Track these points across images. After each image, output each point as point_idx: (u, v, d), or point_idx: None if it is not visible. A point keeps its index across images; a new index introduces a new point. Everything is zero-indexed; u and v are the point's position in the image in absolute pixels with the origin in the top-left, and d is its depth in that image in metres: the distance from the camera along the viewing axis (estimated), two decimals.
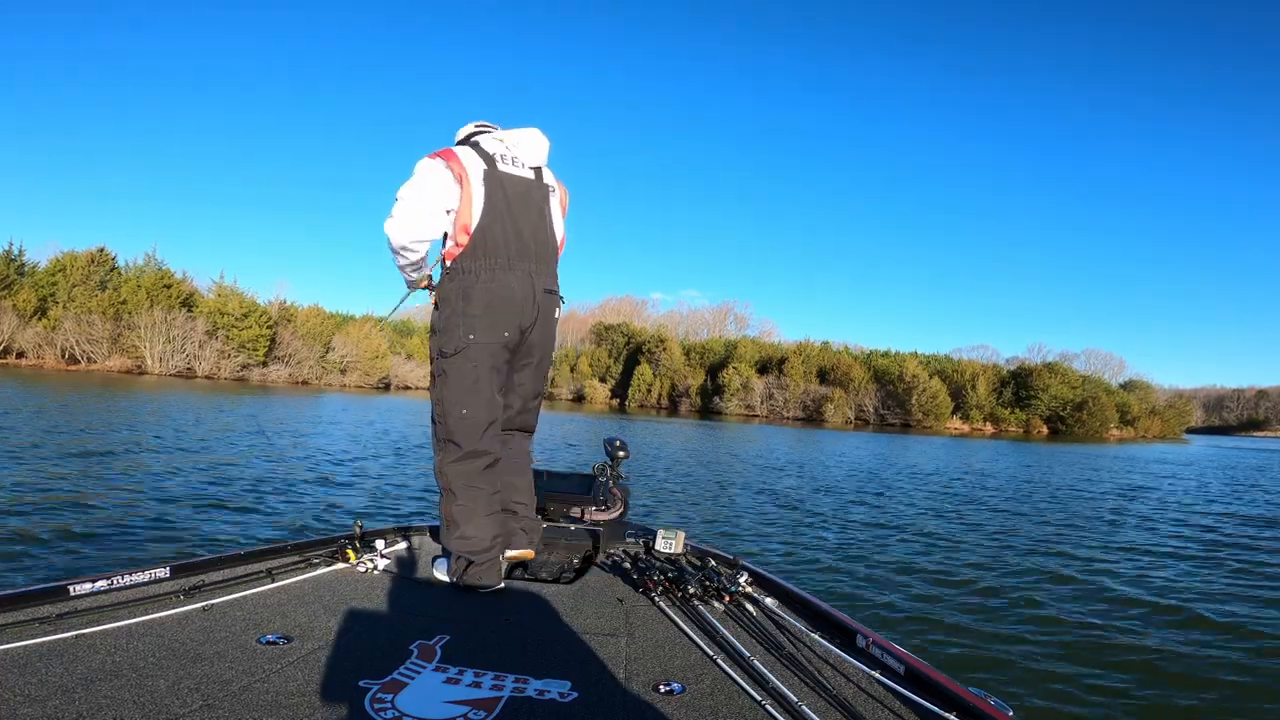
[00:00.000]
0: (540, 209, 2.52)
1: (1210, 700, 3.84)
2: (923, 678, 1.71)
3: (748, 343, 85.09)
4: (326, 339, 66.76)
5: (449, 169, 2.36)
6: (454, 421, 2.38)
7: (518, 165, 2.50)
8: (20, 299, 54.26)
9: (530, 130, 2.56)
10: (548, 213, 2.55)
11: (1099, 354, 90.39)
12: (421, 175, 2.36)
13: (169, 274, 60.34)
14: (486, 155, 2.43)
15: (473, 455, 2.40)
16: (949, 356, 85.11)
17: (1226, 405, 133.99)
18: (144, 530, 5.32)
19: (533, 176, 2.53)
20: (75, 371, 47.78)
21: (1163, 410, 79.95)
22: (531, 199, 2.49)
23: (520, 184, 2.47)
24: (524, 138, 2.54)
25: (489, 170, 2.40)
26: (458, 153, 2.40)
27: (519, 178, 2.48)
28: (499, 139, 2.52)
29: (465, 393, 2.37)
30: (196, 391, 32.57)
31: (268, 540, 3.85)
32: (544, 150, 2.58)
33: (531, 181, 2.52)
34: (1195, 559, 7.68)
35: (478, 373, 2.37)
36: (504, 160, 2.46)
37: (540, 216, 2.51)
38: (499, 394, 2.47)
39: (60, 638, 1.71)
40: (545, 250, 2.51)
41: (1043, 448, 38.79)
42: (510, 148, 2.51)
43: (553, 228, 2.57)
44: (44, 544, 4.85)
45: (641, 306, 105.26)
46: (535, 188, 2.52)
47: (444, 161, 2.36)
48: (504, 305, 2.37)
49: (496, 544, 2.41)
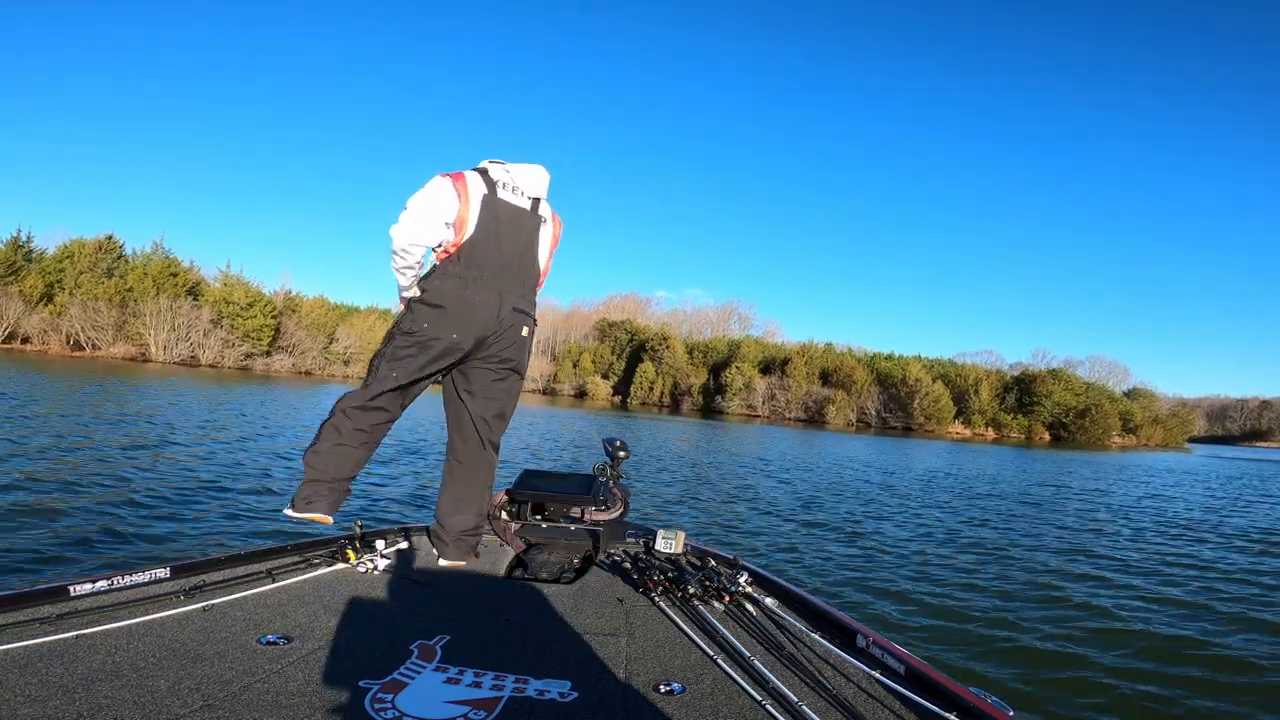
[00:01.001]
0: (529, 236, 2.77)
1: (1211, 700, 3.85)
2: (923, 678, 1.71)
3: (751, 342, 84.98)
4: (331, 330, 66.87)
5: (454, 187, 2.61)
6: (381, 373, 2.64)
7: (517, 194, 2.75)
8: (27, 285, 54.47)
9: (535, 166, 2.82)
10: (535, 241, 2.79)
11: (1103, 361, 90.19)
12: (430, 188, 2.61)
13: (175, 262, 60.46)
14: (490, 181, 2.69)
15: (374, 407, 2.65)
16: (952, 361, 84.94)
17: (1230, 415, 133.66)
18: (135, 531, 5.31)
19: (529, 206, 2.77)
20: (80, 358, 47.91)
21: (1165, 419, 79.64)
22: (522, 226, 2.74)
23: (514, 211, 2.73)
24: (527, 171, 2.79)
25: (488, 195, 2.66)
26: (466, 175, 2.66)
27: (514, 205, 2.73)
28: (506, 169, 2.76)
29: (400, 361, 2.63)
30: (202, 380, 32.66)
31: (268, 540, 3.86)
32: (544, 184, 2.83)
33: (526, 211, 2.76)
34: (1196, 559, 7.68)
35: (417, 350, 2.62)
36: (504, 188, 2.72)
37: (527, 243, 2.76)
38: (426, 381, 2.72)
39: (60, 638, 1.70)
40: (523, 273, 2.75)
41: (1045, 454, 38.72)
42: (514, 178, 2.75)
43: (536, 255, 2.81)
44: (68, 539, 4.87)
45: (645, 304, 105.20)
46: (528, 217, 2.77)
47: (452, 181, 2.63)
48: (464, 311, 2.61)
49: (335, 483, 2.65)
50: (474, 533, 2.80)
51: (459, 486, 2.80)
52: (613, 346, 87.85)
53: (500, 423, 2.86)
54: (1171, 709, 3.72)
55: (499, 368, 2.77)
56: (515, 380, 2.84)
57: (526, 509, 3.24)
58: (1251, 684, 4.12)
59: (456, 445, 2.84)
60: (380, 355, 2.68)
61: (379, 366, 2.65)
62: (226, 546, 4.72)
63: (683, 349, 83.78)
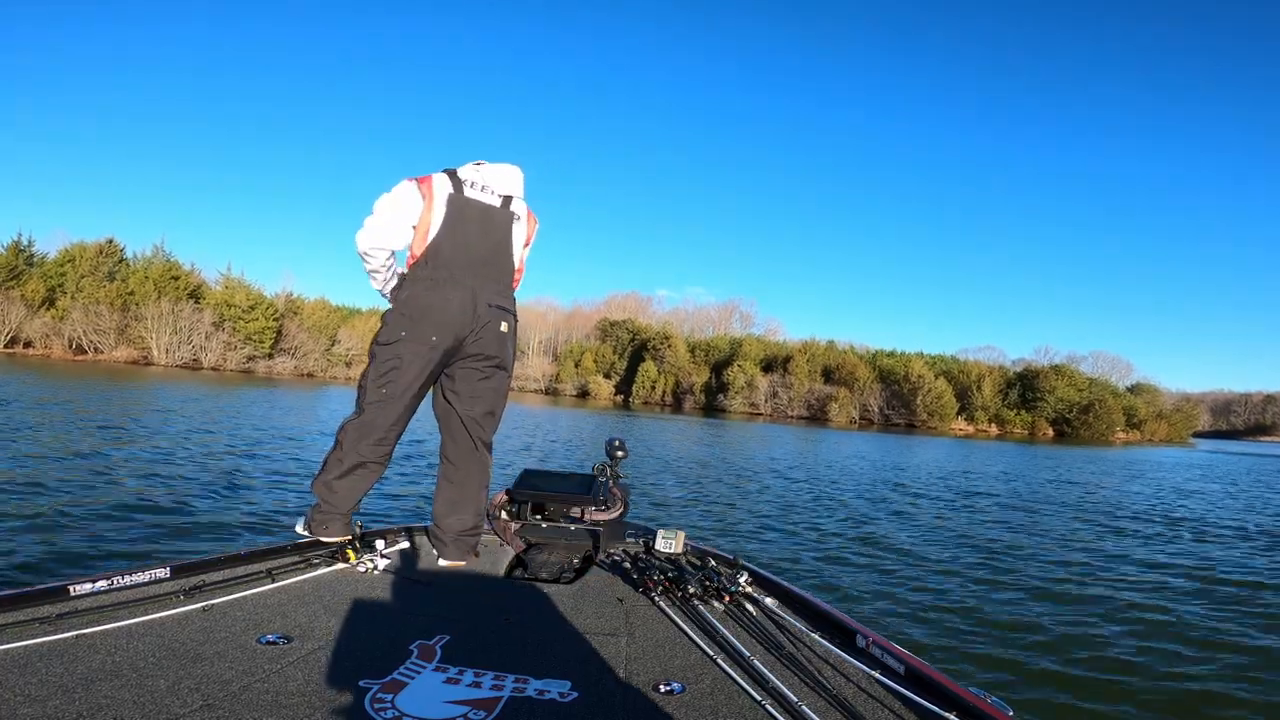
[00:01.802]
0: (501, 234, 2.75)
1: (1211, 700, 3.83)
2: (923, 678, 1.71)
3: (753, 341, 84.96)
4: (332, 332, 66.91)
5: (419, 190, 2.62)
6: (371, 394, 2.63)
7: (486, 193, 2.74)
8: (29, 289, 54.59)
9: (506, 165, 2.82)
10: (508, 238, 2.77)
11: (1106, 356, 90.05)
12: (394, 192, 2.63)
13: (177, 265, 60.55)
14: (457, 181, 2.69)
15: (371, 426, 2.65)
16: (955, 357, 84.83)
17: (1234, 410, 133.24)
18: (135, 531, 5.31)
19: (498, 204, 2.76)
20: (82, 362, 48.00)
21: (1169, 414, 79.49)
22: (492, 222, 2.73)
23: (482, 208, 2.71)
24: (498, 170, 2.79)
25: (454, 194, 2.66)
26: (433, 177, 2.66)
27: (482, 203, 2.72)
28: (476, 169, 2.76)
29: (386, 375, 2.62)
30: (203, 383, 32.71)
31: (268, 540, 3.86)
32: (516, 182, 2.82)
33: (495, 208, 2.75)
34: (1198, 563, 7.65)
35: (400, 363, 2.61)
36: (472, 187, 2.71)
37: (499, 240, 2.74)
38: (420, 391, 2.69)
39: (60, 638, 1.70)
40: (496, 270, 2.73)
41: (1048, 450, 38.65)
42: (484, 177, 2.75)
43: (510, 252, 2.79)
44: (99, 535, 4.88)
45: (647, 303, 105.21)
46: (499, 213, 2.75)
47: (417, 183, 2.64)
48: (439, 312, 2.61)
49: (346, 508, 2.69)
50: (473, 533, 2.79)
51: (454, 488, 2.80)
52: (614, 346, 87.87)
53: (490, 420, 2.85)
54: (1172, 709, 3.71)
55: (484, 365, 2.76)
56: (501, 377, 2.82)
57: (526, 509, 3.24)
58: (1257, 685, 4.10)
59: (448, 447, 2.84)
60: (366, 375, 2.67)
61: (367, 388, 2.65)
62: (226, 546, 4.71)
63: (684, 348, 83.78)
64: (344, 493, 2.67)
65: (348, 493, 2.68)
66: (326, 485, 2.66)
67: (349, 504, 2.70)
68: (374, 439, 2.66)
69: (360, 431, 2.64)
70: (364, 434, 2.64)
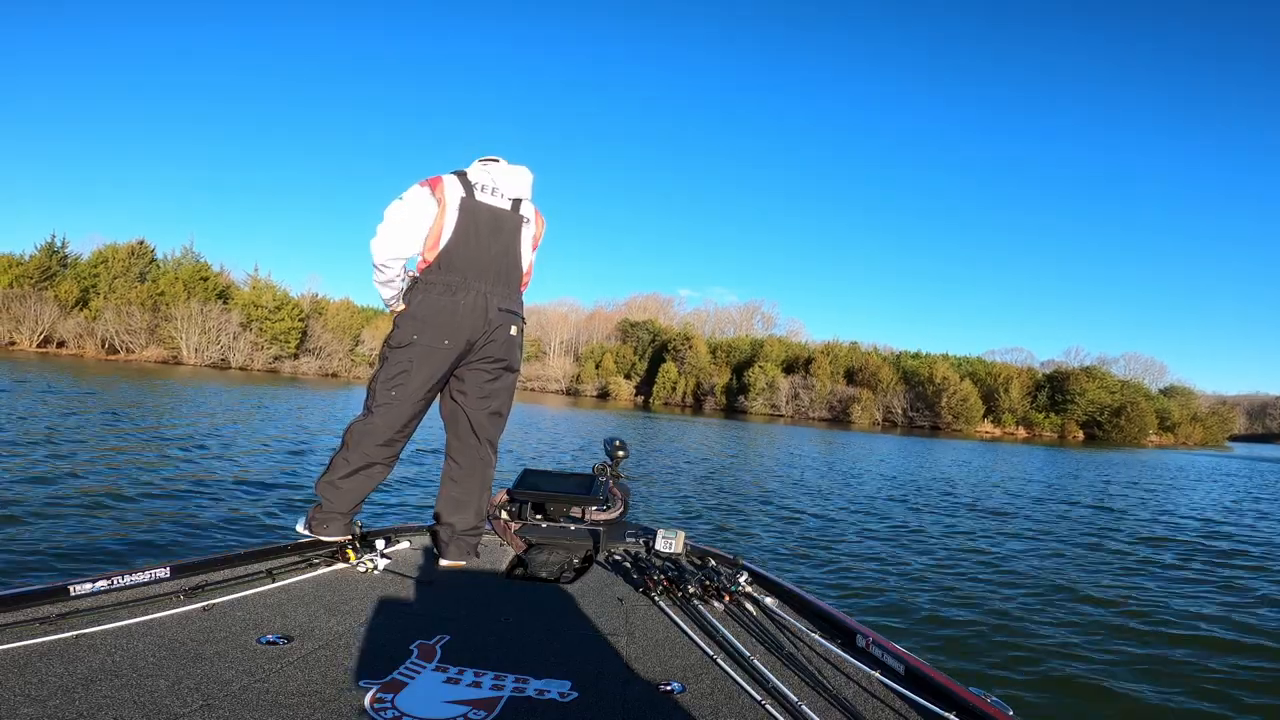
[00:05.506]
0: (510, 237, 2.76)
1: (1211, 701, 3.80)
2: (923, 677, 1.70)
3: (774, 342, 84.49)
4: (356, 332, 67.94)
5: (432, 195, 2.63)
6: (381, 396, 2.65)
7: (496, 196, 2.74)
8: (62, 290, 56.11)
9: (517, 167, 2.82)
10: (516, 242, 2.78)
11: (1139, 358, 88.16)
12: (406, 198, 2.63)
13: (206, 267, 61.93)
14: (468, 184, 2.69)
15: (381, 433, 2.66)
16: (981, 359, 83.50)
17: (1270, 412, 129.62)
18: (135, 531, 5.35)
19: (509, 207, 2.77)
20: (114, 361, 49.17)
21: (1205, 417, 77.53)
22: (502, 226, 2.74)
23: (493, 212, 2.72)
24: (509, 171, 2.79)
25: (465, 198, 2.66)
26: (443, 180, 2.67)
27: (493, 207, 2.72)
28: (486, 170, 2.76)
29: (397, 377, 2.63)
30: (231, 382, 33.30)
31: (268, 540, 3.90)
32: (525, 184, 2.82)
33: (505, 212, 2.75)
34: (1198, 563, 7.49)
35: (411, 366, 2.63)
36: (483, 190, 2.71)
37: (508, 244, 2.75)
38: (429, 395, 2.71)
39: (60, 638, 1.71)
40: (506, 274, 2.75)
41: (1077, 453, 37.92)
42: (493, 179, 2.75)
43: (519, 256, 2.80)
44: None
45: (668, 304, 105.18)
46: (508, 217, 2.76)
47: (429, 189, 2.64)
48: (450, 317, 2.62)
49: (348, 508, 2.70)
50: (474, 533, 2.80)
51: (457, 487, 2.81)
52: (635, 347, 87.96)
53: (497, 420, 2.86)
54: (1175, 709, 3.67)
55: (492, 367, 2.78)
56: (509, 377, 2.85)
57: (527, 509, 3.25)
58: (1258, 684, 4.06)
59: (454, 446, 2.85)
60: (375, 378, 2.68)
61: (376, 390, 2.66)
62: (226, 546, 4.76)
63: (705, 349, 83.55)
64: (348, 493, 2.68)
65: (352, 493, 2.69)
66: (331, 485, 2.68)
67: (351, 505, 2.71)
68: (381, 440, 2.67)
69: (367, 433, 2.65)
70: (371, 436, 2.65)
